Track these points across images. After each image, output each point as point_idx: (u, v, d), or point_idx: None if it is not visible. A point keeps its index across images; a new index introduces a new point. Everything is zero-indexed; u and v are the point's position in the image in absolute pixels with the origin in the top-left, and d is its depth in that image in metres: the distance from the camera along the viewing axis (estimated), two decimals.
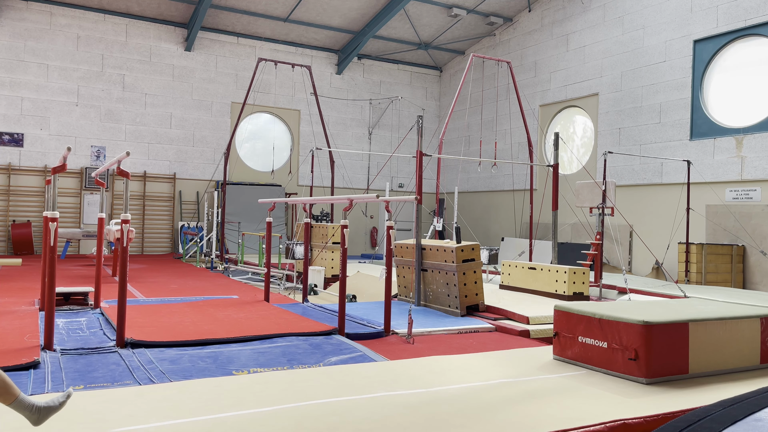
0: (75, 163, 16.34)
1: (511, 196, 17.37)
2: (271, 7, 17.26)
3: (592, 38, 16.01)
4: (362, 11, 17.72)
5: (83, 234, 14.30)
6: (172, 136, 17.60)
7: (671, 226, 13.16)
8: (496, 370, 4.84)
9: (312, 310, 7.99)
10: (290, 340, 5.96)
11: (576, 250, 13.22)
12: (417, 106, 21.03)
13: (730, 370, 4.85)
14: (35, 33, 16.01)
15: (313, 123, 18.52)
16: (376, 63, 20.50)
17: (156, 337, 5.83)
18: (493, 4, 17.77)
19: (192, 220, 17.49)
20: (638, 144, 14.58)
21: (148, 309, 7.52)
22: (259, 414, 3.62)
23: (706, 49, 13.37)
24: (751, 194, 12.37)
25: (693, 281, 11.98)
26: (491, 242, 18.48)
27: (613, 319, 4.74)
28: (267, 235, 9.02)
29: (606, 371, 4.75)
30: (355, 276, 10.88)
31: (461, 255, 7.98)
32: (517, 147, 18.03)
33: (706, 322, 4.80)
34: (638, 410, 3.81)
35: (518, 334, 6.90)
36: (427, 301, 8.60)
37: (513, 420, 3.60)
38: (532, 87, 17.69)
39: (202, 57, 17.96)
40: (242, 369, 4.88)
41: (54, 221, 5.34)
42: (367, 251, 19.54)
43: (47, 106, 16.12)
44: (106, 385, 4.31)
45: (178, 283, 10.76)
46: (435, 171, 16.08)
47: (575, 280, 8.87)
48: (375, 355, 5.44)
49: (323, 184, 17.61)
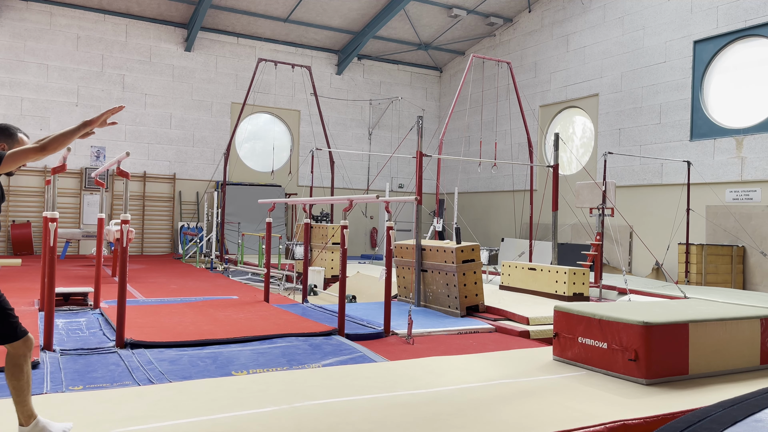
0: (75, 164, 16.33)
1: (511, 196, 17.36)
2: (271, 8, 17.26)
3: (592, 39, 16.01)
4: (362, 11, 17.72)
5: (83, 234, 14.29)
6: (172, 136, 17.59)
7: (671, 226, 13.16)
8: (496, 370, 4.84)
9: (312, 310, 7.98)
10: (290, 340, 5.96)
11: (576, 250, 13.21)
12: (417, 107, 21.04)
13: (730, 371, 4.85)
14: (35, 33, 16.01)
15: (313, 123, 18.52)
16: (376, 63, 20.50)
17: (155, 337, 5.82)
18: (493, 4, 17.77)
19: (192, 221, 17.49)
20: (638, 144, 14.58)
21: (148, 309, 7.51)
22: (258, 414, 3.61)
23: (707, 50, 13.37)
24: (751, 195, 12.37)
25: (693, 282, 11.98)
26: (491, 243, 18.47)
27: (613, 320, 4.74)
28: (267, 236, 9.01)
29: (606, 372, 4.74)
30: (355, 276, 10.87)
31: (461, 255, 7.97)
32: (517, 147, 18.02)
33: (706, 322, 4.80)
34: (638, 411, 3.80)
35: (518, 335, 6.89)
36: (427, 302, 8.60)
37: (513, 421, 3.60)
38: (532, 87, 17.69)
39: (202, 57, 17.96)
40: (242, 369, 4.87)
41: (54, 221, 5.33)
42: (367, 252, 19.53)
43: (47, 106, 16.12)
44: (105, 386, 4.31)
45: (178, 283, 10.75)
46: (435, 171, 16.08)
47: (575, 281, 8.87)
48: (375, 356, 5.44)
49: (323, 185, 17.60)
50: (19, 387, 2.96)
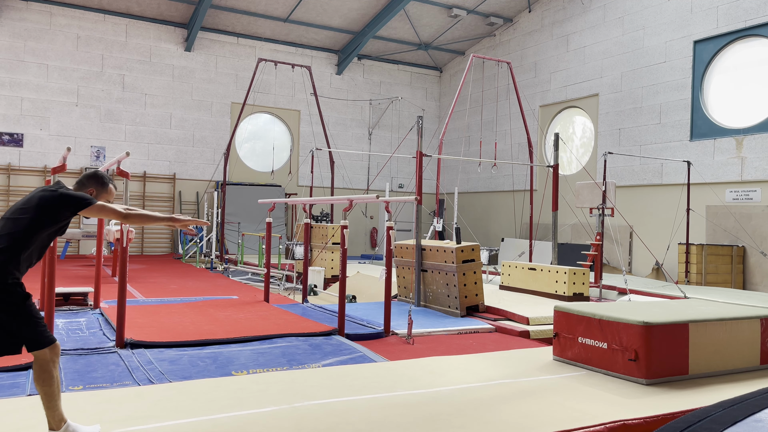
0: (75, 164, 16.32)
1: (511, 196, 17.36)
2: (271, 8, 17.26)
3: (592, 39, 16.01)
4: (362, 11, 17.72)
5: (83, 234, 14.29)
6: (172, 136, 17.59)
7: (671, 226, 13.16)
8: (496, 370, 4.84)
9: (312, 310, 7.98)
10: (290, 340, 5.96)
11: (576, 250, 13.21)
12: (417, 107, 21.03)
13: (730, 371, 4.85)
14: (35, 33, 16.01)
15: (313, 123, 18.52)
16: (376, 63, 20.50)
17: (155, 337, 5.82)
18: (493, 4, 17.77)
19: None
20: (638, 144, 14.58)
21: (148, 309, 7.51)
22: (258, 414, 3.61)
23: (707, 50, 13.36)
24: (751, 195, 12.36)
25: (693, 282, 11.97)
26: (491, 243, 18.47)
27: (613, 320, 4.74)
28: (267, 236, 9.01)
29: (606, 372, 4.74)
30: (355, 276, 10.87)
31: (461, 255, 7.97)
32: (517, 147, 18.02)
33: (706, 322, 4.80)
34: (638, 411, 3.80)
35: (518, 335, 6.89)
36: (427, 302, 8.60)
37: (513, 421, 3.60)
38: (532, 87, 17.69)
39: (202, 57, 17.96)
40: (242, 369, 4.87)
41: None
42: (367, 252, 19.52)
43: (47, 106, 16.12)
44: (105, 386, 4.31)
45: (178, 283, 10.75)
46: (435, 171, 16.07)
47: (575, 281, 8.86)
48: (375, 356, 5.44)
49: (323, 185, 17.60)
50: (50, 393, 3.01)
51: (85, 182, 3.28)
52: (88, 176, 3.29)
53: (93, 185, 3.27)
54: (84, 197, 3.07)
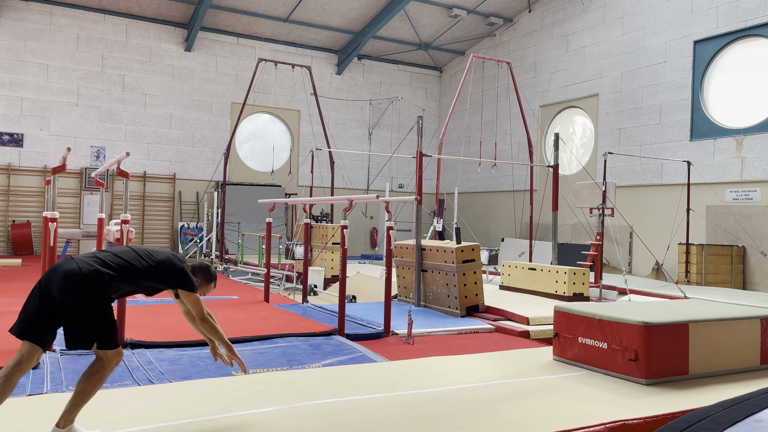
0: (75, 164, 16.33)
1: (511, 196, 17.36)
2: (271, 8, 17.26)
3: (592, 39, 16.01)
4: (362, 11, 17.72)
5: (83, 234, 14.29)
6: (172, 136, 17.59)
7: (671, 226, 13.16)
8: (496, 370, 4.84)
9: (312, 310, 7.98)
10: (290, 340, 5.96)
11: (576, 250, 13.21)
12: (417, 107, 21.03)
13: (730, 371, 4.85)
14: (35, 33, 16.01)
15: (313, 123, 18.52)
16: (376, 63, 20.50)
17: (155, 337, 5.82)
18: (493, 4, 17.77)
19: (192, 221, 17.49)
20: (638, 144, 14.58)
21: (148, 309, 7.51)
22: (258, 414, 3.62)
23: (707, 50, 13.37)
24: (751, 195, 12.37)
25: (693, 282, 11.98)
26: (491, 243, 18.47)
27: (613, 320, 4.74)
28: (267, 236, 9.01)
29: (606, 372, 4.74)
30: (355, 276, 10.87)
31: (461, 255, 7.97)
32: (517, 147, 18.02)
33: (706, 322, 4.80)
34: (638, 411, 3.80)
35: (518, 335, 6.89)
36: (427, 302, 8.60)
37: (513, 421, 3.60)
38: (532, 87, 17.69)
39: (202, 57, 17.96)
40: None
41: (54, 221, 5.33)
42: (367, 252, 19.52)
43: (47, 106, 16.12)
44: (105, 386, 4.30)
45: None
46: (435, 171, 16.07)
47: (575, 281, 8.87)
48: (375, 356, 5.44)
49: (323, 185, 17.59)
50: (88, 392, 3.10)
51: (197, 271, 3.62)
52: (202, 267, 3.64)
53: (201, 276, 3.62)
54: (193, 283, 3.40)
